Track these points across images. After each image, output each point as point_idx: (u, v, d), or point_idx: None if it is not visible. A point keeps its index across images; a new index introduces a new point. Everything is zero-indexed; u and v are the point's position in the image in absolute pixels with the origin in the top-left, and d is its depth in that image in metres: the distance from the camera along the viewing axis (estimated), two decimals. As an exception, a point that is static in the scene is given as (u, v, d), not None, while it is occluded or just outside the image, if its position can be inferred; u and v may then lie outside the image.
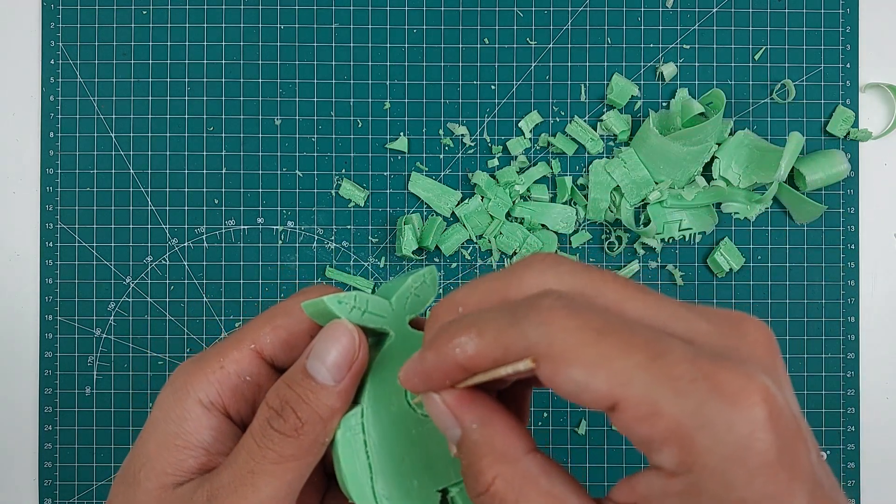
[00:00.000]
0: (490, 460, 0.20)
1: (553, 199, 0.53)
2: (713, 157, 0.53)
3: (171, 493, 0.23)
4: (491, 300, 0.21)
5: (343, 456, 0.24)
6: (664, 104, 0.54)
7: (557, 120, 0.54)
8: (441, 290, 0.53)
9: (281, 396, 0.23)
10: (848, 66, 0.54)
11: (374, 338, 0.25)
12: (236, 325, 0.53)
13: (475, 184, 0.53)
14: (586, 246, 0.53)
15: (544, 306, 0.19)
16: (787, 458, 0.17)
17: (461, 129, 0.53)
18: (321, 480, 0.28)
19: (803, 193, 0.52)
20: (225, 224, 0.53)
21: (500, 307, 0.20)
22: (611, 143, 0.54)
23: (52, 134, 0.53)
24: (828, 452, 0.53)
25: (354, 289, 0.53)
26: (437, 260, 0.53)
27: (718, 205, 0.53)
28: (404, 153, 0.53)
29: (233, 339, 0.25)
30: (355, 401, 0.24)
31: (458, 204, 0.53)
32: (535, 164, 0.53)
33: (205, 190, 0.53)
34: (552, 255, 0.21)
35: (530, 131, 0.53)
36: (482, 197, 0.53)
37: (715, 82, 0.54)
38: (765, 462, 0.17)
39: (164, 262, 0.53)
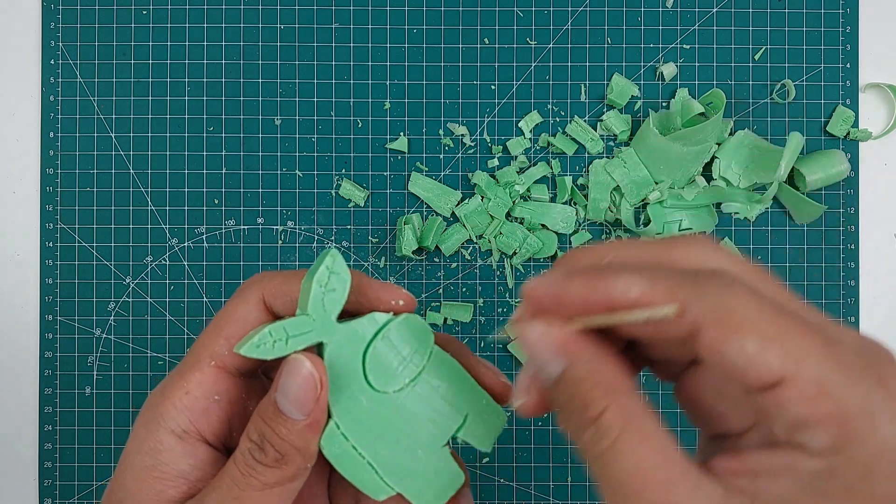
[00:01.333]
0: (602, 391, 0.20)
1: (553, 199, 0.53)
2: (713, 157, 0.53)
3: None
4: (649, 260, 0.20)
5: (342, 469, 0.25)
6: (664, 104, 0.54)
7: (557, 120, 0.54)
8: (440, 291, 0.53)
9: (259, 431, 0.23)
10: (848, 66, 0.54)
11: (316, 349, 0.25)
12: (236, 325, 0.53)
13: (475, 184, 0.53)
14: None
15: (727, 278, 0.19)
16: None
17: (461, 129, 0.53)
18: (323, 469, 0.28)
19: (803, 193, 0.52)
20: (225, 224, 0.53)
21: (669, 268, 0.19)
22: (611, 143, 0.54)
23: (52, 134, 0.53)
24: (828, 452, 0.53)
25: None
26: (437, 260, 0.53)
27: (718, 205, 0.53)
28: (404, 153, 0.53)
29: (191, 361, 0.25)
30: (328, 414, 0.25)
31: (458, 204, 0.53)
32: (535, 164, 0.53)
33: (205, 190, 0.53)
34: (714, 243, 0.21)
35: (530, 131, 0.53)
36: (482, 197, 0.53)
37: (715, 82, 0.54)
38: None
39: (164, 262, 0.53)
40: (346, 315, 0.26)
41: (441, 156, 0.53)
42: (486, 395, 0.26)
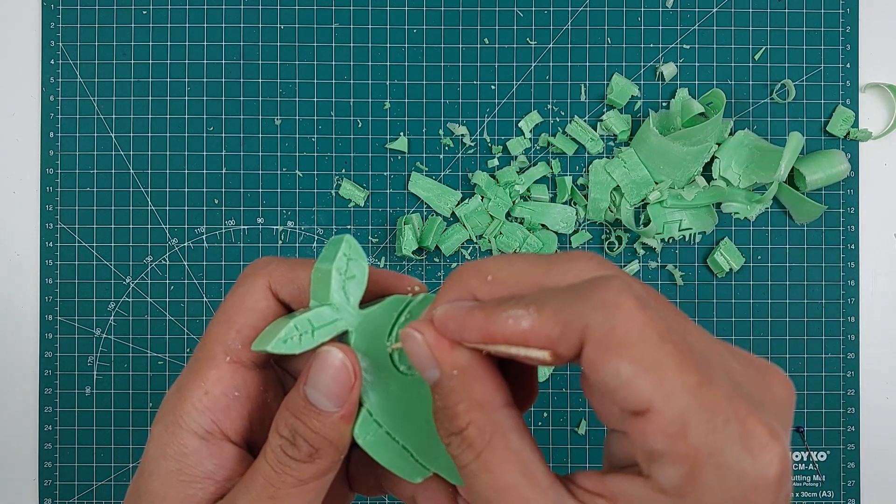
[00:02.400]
0: (466, 406, 0.20)
1: (553, 199, 0.53)
2: (713, 157, 0.53)
3: None
4: (524, 281, 0.20)
5: (378, 456, 0.24)
6: (664, 104, 0.54)
7: (557, 120, 0.54)
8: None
9: (289, 426, 0.23)
10: (848, 66, 0.54)
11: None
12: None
13: (475, 184, 0.53)
14: (586, 246, 0.53)
15: (614, 289, 0.18)
16: None
17: (461, 129, 0.53)
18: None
19: (803, 193, 0.52)
20: (225, 224, 0.53)
21: (557, 289, 0.20)
22: (611, 143, 0.54)
23: (52, 134, 0.53)
24: (828, 452, 0.53)
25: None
26: (437, 260, 0.53)
27: (718, 205, 0.53)
28: (404, 153, 0.53)
29: (205, 357, 0.24)
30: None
31: (458, 204, 0.53)
32: (535, 164, 0.53)
33: (205, 190, 0.53)
34: (599, 257, 0.20)
35: (530, 131, 0.53)
36: (482, 197, 0.53)
37: (715, 82, 0.54)
38: None
39: (164, 262, 0.53)
40: (362, 302, 0.25)
41: (441, 156, 0.53)
42: None
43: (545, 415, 0.53)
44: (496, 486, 0.20)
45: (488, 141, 0.53)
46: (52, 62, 0.53)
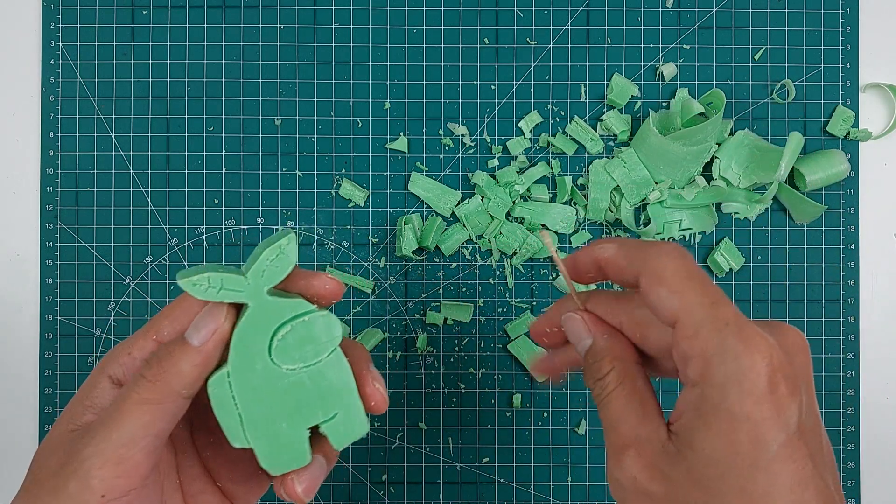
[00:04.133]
0: (610, 358, 0.29)
1: (553, 199, 0.53)
2: (713, 157, 0.53)
3: (66, 435, 0.28)
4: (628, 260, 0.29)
5: (216, 408, 0.28)
6: (664, 104, 0.54)
7: (557, 120, 0.54)
8: (440, 291, 0.53)
9: (153, 353, 0.28)
10: (848, 66, 0.54)
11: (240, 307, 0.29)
12: (236, 325, 0.53)
13: (475, 184, 0.53)
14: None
15: (667, 247, 0.27)
16: (775, 399, 0.24)
17: (461, 129, 0.53)
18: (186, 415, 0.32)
19: (803, 193, 0.52)
20: (225, 224, 0.53)
21: (637, 240, 0.29)
22: (611, 143, 0.54)
23: (52, 134, 0.53)
24: (828, 452, 0.53)
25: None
26: (437, 260, 0.53)
27: (718, 205, 0.53)
28: (404, 153, 0.53)
29: (142, 330, 0.30)
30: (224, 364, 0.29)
31: (458, 204, 0.53)
32: (535, 164, 0.53)
33: (205, 190, 0.53)
34: (678, 254, 0.28)
35: (530, 131, 0.53)
36: (482, 197, 0.53)
37: (715, 82, 0.54)
38: (754, 391, 0.24)
39: (164, 262, 0.53)
40: (277, 292, 0.29)
41: (441, 156, 0.53)
42: (360, 406, 0.30)
43: (545, 415, 0.53)
44: (618, 413, 0.27)
45: (488, 141, 0.53)
46: (52, 62, 0.53)
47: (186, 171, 0.53)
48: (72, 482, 0.27)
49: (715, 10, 0.54)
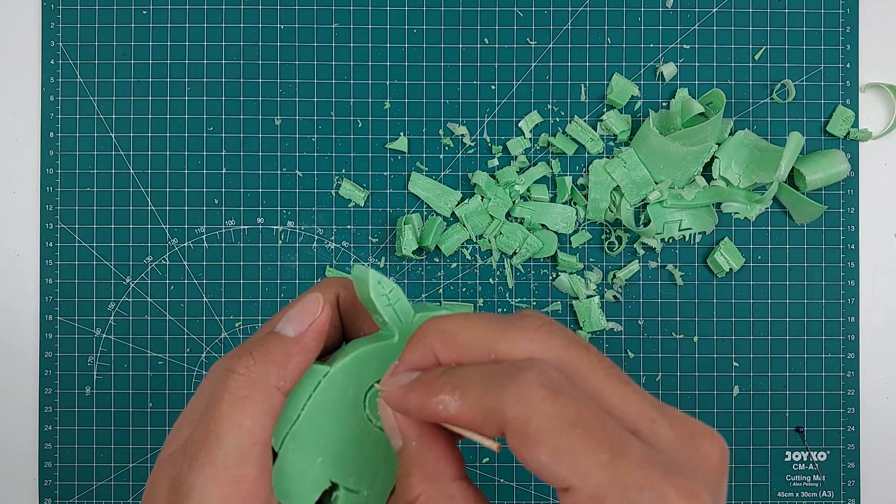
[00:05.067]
0: (419, 478, 0.22)
1: (553, 199, 0.53)
2: (713, 157, 0.53)
3: (169, 459, 0.24)
4: (480, 347, 0.22)
5: (290, 394, 0.25)
6: (664, 104, 0.54)
7: (557, 120, 0.54)
8: (440, 291, 0.53)
9: (245, 348, 0.25)
10: (848, 66, 0.54)
11: (382, 333, 0.27)
12: (235, 325, 0.53)
13: (475, 184, 0.53)
14: (586, 246, 0.53)
15: (526, 383, 0.20)
16: None
17: (461, 129, 0.53)
18: None
19: (803, 193, 0.52)
20: (225, 224, 0.53)
21: (485, 369, 0.21)
22: (611, 143, 0.54)
23: (52, 134, 0.53)
24: (828, 452, 0.53)
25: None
26: (437, 260, 0.53)
27: (718, 205, 0.53)
28: (404, 153, 0.53)
29: (256, 335, 0.26)
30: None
31: (458, 204, 0.53)
32: (535, 164, 0.53)
33: (205, 190, 0.53)
34: (549, 322, 0.22)
35: (530, 131, 0.53)
36: (482, 197, 0.53)
37: (715, 82, 0.54)
38: None
39: (164, 262, 0.53)
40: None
41: (441, 156, 0.53)
42: None
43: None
44: None
45: (488, 141, 0.53)
46: (52, 62, 0.53)
47: (186, 171, 0.53)
48: None
49: (715, 10, 0.54)
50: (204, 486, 0.22)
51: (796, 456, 0.53)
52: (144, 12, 0.53)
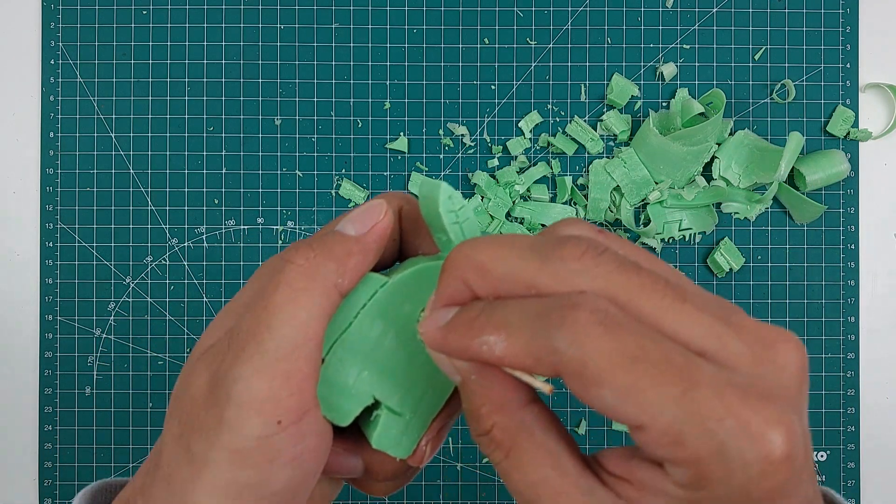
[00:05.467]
0: (488, 409, 0.21)
1: (553, 199, 0.53)
2: (713, 157, 0.53)
3: (208, 354, 0.23)
4: (518, 280, 0.20)
5: (344, 300, 0.23)
6: (664, 104, 0.54)
7: (557, 120, 0.54)
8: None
9: (304, 241, 0.23)
10: (848, 66, 0.54)
11: (443, 254, 0.25)
12: (236, 325, 0.53)
13: (475, 184, 0.53)
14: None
15: (579, 323, 0.18)
16: (788, 496, 0.18)
17: (461, 129, 0.53)
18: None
19: (803, 193, 0.52)
20: (225, 224, 0.53)
21: (530, 306, 0.20)
22: (611, 143, 0.54)
23: (52, 134, 0.53)
24: (828, 452, 0.53)
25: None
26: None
27: (718, 205, 0.53)
28: (404, 153, 0.53)
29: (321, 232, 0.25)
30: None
31: (458, 204, 0.53)
32: (535, 164, 0.53)
33: (205, 190, 0.53)
34: (591, 247, 0.20)
35: (530, 131, 0.53)
36: (482, 197, 0.53)
37: (715, 82, 0.54)
38: (768, 498, 0.18)
39: (164, 262, 0.53)
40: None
41: (441, 156, 0.53)
42: (417, 436, 0.25)
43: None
44: (527, 482, 0.20)
45: (488, 141, 0.53)
46: (52, 62, 0.53)
47: (186, 171, 0.53)
48: (228, 412, 0.21)
49: (715, 10, 0.54)
50: (251, 379, 0.21)
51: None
52: (144, 12, 0.53)
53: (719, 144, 0.53)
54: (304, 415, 0.21)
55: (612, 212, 0.53)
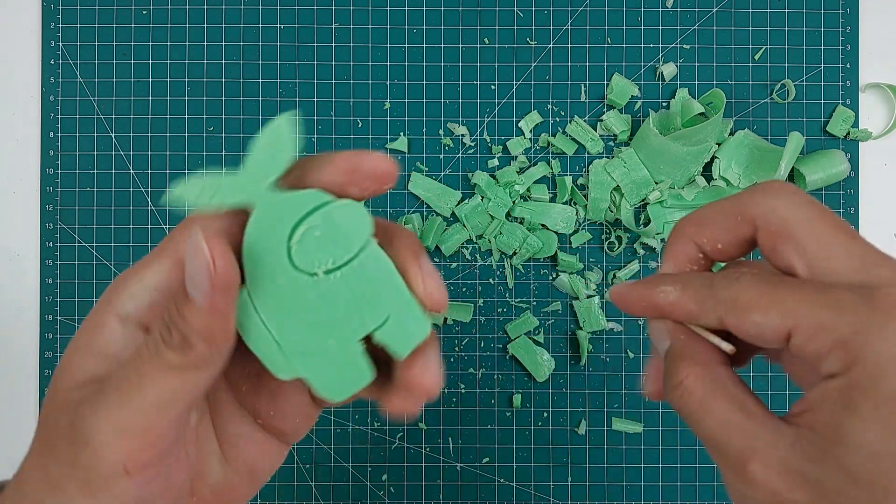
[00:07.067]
0: (686, 363, 0.24)
1: (553, 199, 0.53)
2: (713, 157, 0.53)
3: (72, 392, 0.24)
4: (727, 210, 0.25)
5: (246, 338, 0.24)
6: (664, 104, 0.54)
7: (557, 120, 0.54)
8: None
9: (169, 312, 0.23)
10: (848, 66, 0.54)
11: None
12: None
13: (475, 184, 0.53)
14: (586, 246, 0.53)
15: (733, 277, 0.23)
16: None
17: (461, 129, 0.53)
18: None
19: (803, 193, 0.52)
20: (225, 224, 0.53)
21: (705, 273, 0.25)
22: (611, 143, 0.54)
23: (52, 134, 0.53)
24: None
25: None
26: (437, 260, 0.53)
27: (718, 205, 0.53)
28: (404, 153, 0.53)
29: (153, 254, 0.24)
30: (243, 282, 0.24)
31: (458, 204, 0.53)
32: (535, 164, 0.53)
33: (205, 190, 0.53)
34: (793, 191, 0.24)
35: (530, 131, 0.53)
36: (482, 197, 0.53)
37: (715, 82, 0.54)
38: None
39: (164, 262, 0.53)
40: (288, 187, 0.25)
41: (441, 156, 0.53)
42: (414, 303, 0.24)
43: (545, 415, 0.53)
44: (719, 423, 0.23)
45: (488, 141, 0.53)
46: (52, 62, 0.53)
47: (186, 172, 0.53)
48: (84, 453, 0.23)
49: (715, 10, 0.54)
50: (107, 427, 0.23)
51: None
52: (144, 12, 0.53)
53: (719, 144, 0.53)
54: (157, 461, 0.23)
55: (612, 212, 0.53)
